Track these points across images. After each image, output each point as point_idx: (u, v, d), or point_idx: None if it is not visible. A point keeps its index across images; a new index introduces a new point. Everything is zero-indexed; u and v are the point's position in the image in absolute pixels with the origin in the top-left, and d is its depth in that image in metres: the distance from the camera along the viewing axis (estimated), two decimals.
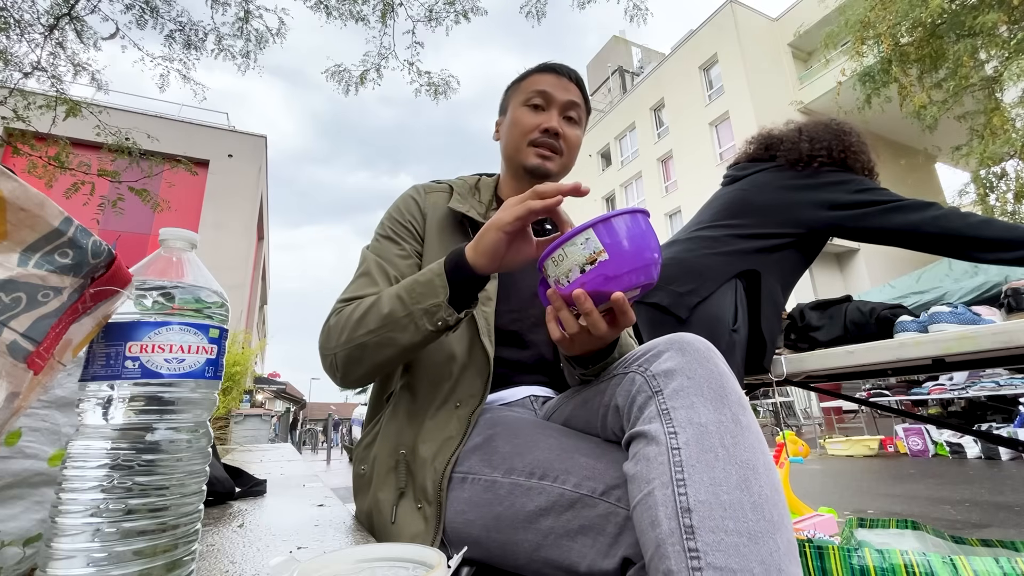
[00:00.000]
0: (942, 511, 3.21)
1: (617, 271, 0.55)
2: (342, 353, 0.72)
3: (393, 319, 0.68)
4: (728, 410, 0.50)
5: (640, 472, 0.49)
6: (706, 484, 0.45)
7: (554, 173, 0.89)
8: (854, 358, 1.49)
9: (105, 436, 0.39)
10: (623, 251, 0.55)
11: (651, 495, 0.47)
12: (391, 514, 0.70)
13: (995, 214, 9.20)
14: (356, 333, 0.71)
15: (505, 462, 0.64)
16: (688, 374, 0.52)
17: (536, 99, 0.89)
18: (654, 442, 0.49)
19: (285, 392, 19.02)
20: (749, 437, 0.49)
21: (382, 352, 0.70)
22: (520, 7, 4.46)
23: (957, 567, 0.80)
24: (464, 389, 0.74)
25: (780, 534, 0.44)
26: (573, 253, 0.56)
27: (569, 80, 0.90)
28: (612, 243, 0.55)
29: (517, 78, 0.95)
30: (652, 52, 27.04)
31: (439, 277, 0.66)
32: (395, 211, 0.90)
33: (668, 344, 0.56)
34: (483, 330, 0.78)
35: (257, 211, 13.36)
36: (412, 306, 0.67)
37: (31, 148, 4.37)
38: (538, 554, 0.58)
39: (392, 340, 0.69)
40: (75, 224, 0.36)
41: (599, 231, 0.55)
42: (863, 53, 7.80)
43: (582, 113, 0.92)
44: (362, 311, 0.72)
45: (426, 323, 0.66)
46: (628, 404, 0.56)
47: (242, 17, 4.67)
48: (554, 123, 0.87)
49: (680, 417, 0.49)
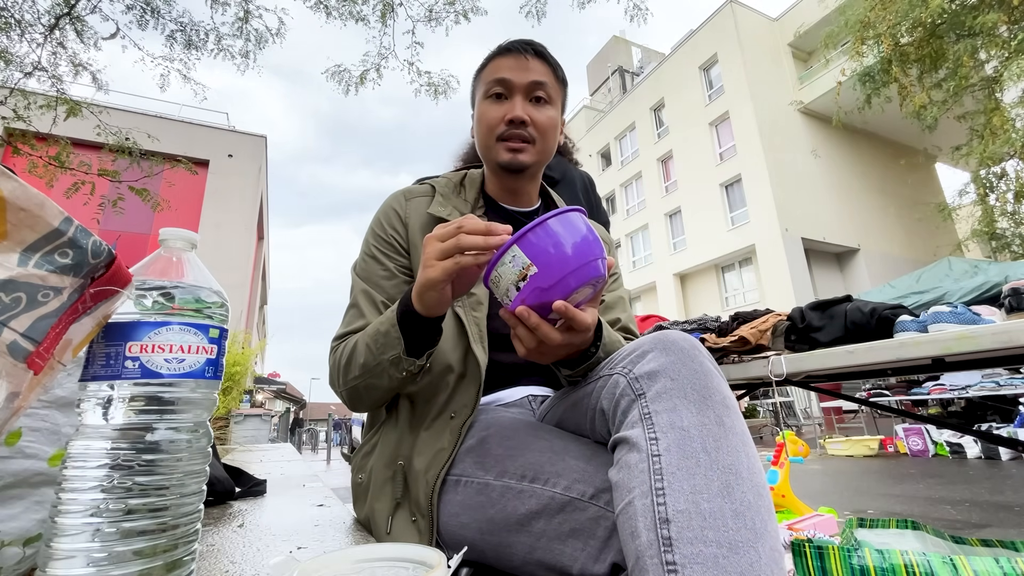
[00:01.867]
0: (942, 511, 3.20)
1: (550, 281, 0.54)
2: (345, 393, 0.76)
3: (368, 368, 0.70)
4: (712, 412, 0.49)
5: (622, 480, 0.49)
6: (686, 492, 0.44)
7: (529, 164, 0.83)
8: (854, 358, 1.50)
9: (105, 436, 0.39)
10: (551, 259, 0.53)
11: (631, 504, 0.46)
12: (386, 525, 0.70)
13: (995, 214, 9.20)
14: (347, 378, 0.74)
15: (498, 464, 0.64)
16: (672, 375, 0.51)
17: (496, 88, 0.82)
18: (635, 448, 0.49)
19: (285, 392, 19.02)
20: (733, 440, 0.48)
21: (372, 393, 0.73)
22: (520, 7, 4.46)
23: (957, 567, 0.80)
24: (459, 399, 0.74)
25: (762, 543, 0.42)
26: (505, 273, 0.55)
27: (528, 57, 0.81)
28: (537, 254, 0.54)
29: (478, 67, 0.87)
30: (652, 52, 27.02)
31: (394, 328, 0.66)
32: (377, 225, 0.87)
33: (653, 343, 0.55)
34: (475, 337, 0.76)
35: (257, 211, 13.36)
36: (379, 356, 0.68)
37: (31, 148, 4.37)
38: (531, 557, 0.58)
39: (375, 385, 0.71)
40: (75, 224, 0.36)
41: (523, 245, 0.54)
42: (863, 53, 7.80)
43: (551, 90, 0.83)
44: (346, 357, 0.74)
45: (395, 372, 0.68)
46: (613, 407, 0.56)
47: (242, 17, 4.68)
48: (518, 111, 0.80)
49: (662, 421, 0.49)
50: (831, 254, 15.88)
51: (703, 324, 2.28)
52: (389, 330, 0.67)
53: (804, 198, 14.94)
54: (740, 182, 15.58)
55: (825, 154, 15.78)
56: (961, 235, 11.23)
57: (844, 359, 1.51)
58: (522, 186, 0.90)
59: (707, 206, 16.56)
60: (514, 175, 0.86)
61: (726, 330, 2.11)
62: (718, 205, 16.20)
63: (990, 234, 9.31)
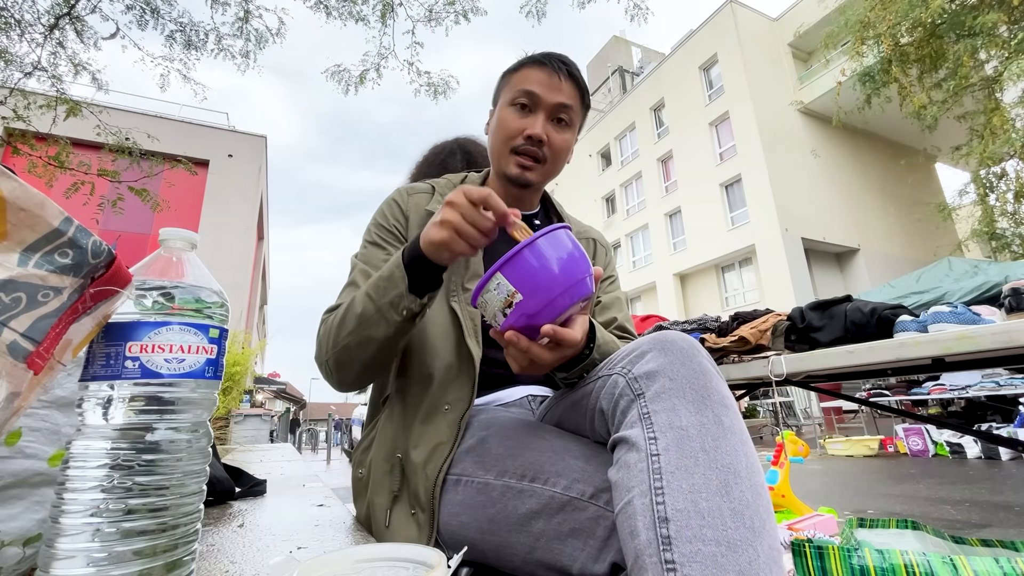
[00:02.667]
0: (942, 511, 3.20)
1: (537, 307, 0.53)
2: (332, 359, 0.74)
3: (365, 316, 0.69)
4: (711, 411, 0.49)
5: (621, 480, 0.49)
6: (685, 492, 0.44)
7: (534, 183, 0.86)
8: (854, 358, 1.50)
9: (105, 436, 0.39)
10: (536, 286, 0.53)
11: (630, 504, 0.46)
12: (385, 519, 0.71)
13: (995, 214, 9.20)
14: (339, 336, 0.72)
15: (498, 464, 0.64)
16: (671, 375, 0.51)
17: (523, 99, 0.82)
18: (635, 448, 0.49)
19: (285, 392, 19.01)
20: (731, 439, 0.48)
21: (365, 350, 0.71)
22: (520, 7, 4.46)
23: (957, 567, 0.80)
24: (452, 392, 0.74)
25: (761, 542, 0.42)
26: (491, 300, 0.55)
27: (561, 78, 0.82)
28: (521, 281, 0.53)
29: (509, 68, 0.88)
30: (652, 52, 27.03)
31: (398, 268, 0.66)
32: (379, 216, 0.89)
33: (652, 344, 0.55)
34: (469, 331, 0.77)
35: (257, 211, 13.36)
36: (379, 301, 0.68)
37: (31, 148, 4.37)
38: (531, 556, 0.58)
39: (370, 337, 0.70)
40: (75, 224, 0.36)
41: (507, 272, 0.53)
42: (863, 53, 7.80)
43: (574, 115, 0.85)
44: (341, 315, 0.73)
45: (393, 314, 0.67)
46: (612, 407, 0.56)
47: (242, 17, 4.67)
48: (538, 129, 0.81)
49: (661, 421, 0.49)
50: (831, 254, 15.88)
51: (703, 324, 2.28)
52: (393, 271, 0.67)
53: (804, 198, 14.95)
54: (740, 182, 15.58)
55: (825, 154, 15.78)
56: (961, 235, 11.24)
57: (844, 359, 1.51)
58: (523, 197, 0.92)
59: (707, 206, 16.56)
60: (518, 188, 0.88)
61: (726, 330, 2.11)
62: (718, 205, 16.20)
63: (990, 234, 9.31)
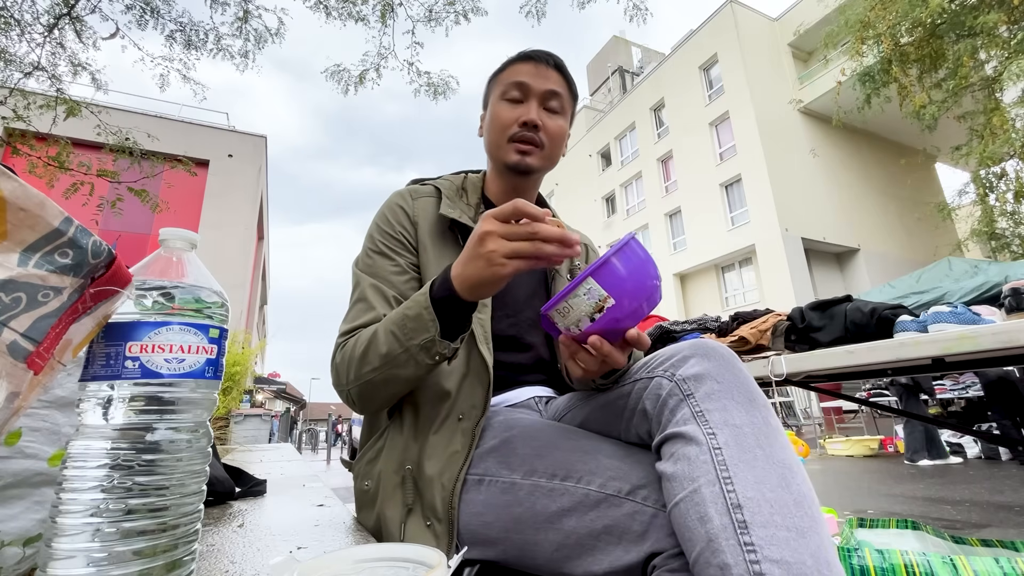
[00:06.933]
0: (942, 511, 3.20)
1: (626, 311, 0.55)
2: (355, 390, 0.73)
3: (392, 357, 0.67)
4: (759, 413, 0.52)
5: (681, 471, 0.50)
6: (751, 482, 0.46)
7: (536, 168, 0.86)
8: (854, 358, 1.49)
9: (105, 436, 0.39)
10: (627, 291, 0.55)
11: (697, 492, 0.48)
12: (399, 531, 0.69)
13: (995, 214, 9.20)
14: (362, 371, 0.71)
15: (524, 464, 0.64)
16: (717, 379, 0.54)
17: (513, 91, 0.84)
18: (694, 442, 0.51)
19: (285, 392, 19.03)
20: (781, 438, 0.51)
21: (390, 388, 0.71)
22: (520, 7, 4.46)
23: (957, 567, 0.80)
24: (465, 400, 0.73)
25: (823, 529, 0.45)
26: (578, 305, 0.56)
27: (548, 67, 0.85)
28: (615, 286, 0.55)
29: (496, 70, 0.90)
30: (652, 52, 27.03)
31: (427, 311, 0.64)
32: (383, 222, 0.86)
33: (692, 350, 0.57)
34: (480, 338, 0.76)
35: (257, 211, 13.36)
36: (407, 343, 0.66)
37: (31, 148, 4.37)
38: (559, 553, 0.59)
39: (396, 376, 0.69)
40: (75, 224, 0.36)
41: (600, 278, 0.54)
42: (863, 53, 7.81)
43: (564, 102, 0.87)
44: (362, 348, 0.71)
45: (424, 358, 0.66)
46: (658, 407, 0.57)
47: (241, 17, 4.68)
48: (532, 115, 0.82)
49: (716, 419, 0.51)
50: (831, 254, 15.88)
51: (703, 324, 2.28)
52: (421, 313, 0.65)
53: (804, 198, 14.95)
54: (740, 182, 15.58)
55: (825, 154, 15.78)
56: (961, 235, 11.22)
57: (844, 359, 1.51)
58: (524, 190, 0.91)
59: (707, 206, 16.57)
60: (519, 176, 0.88)
61: (726, 330, 2.11)
62: (718, 205, 16.21)
63: (990, 234, 9.30)
